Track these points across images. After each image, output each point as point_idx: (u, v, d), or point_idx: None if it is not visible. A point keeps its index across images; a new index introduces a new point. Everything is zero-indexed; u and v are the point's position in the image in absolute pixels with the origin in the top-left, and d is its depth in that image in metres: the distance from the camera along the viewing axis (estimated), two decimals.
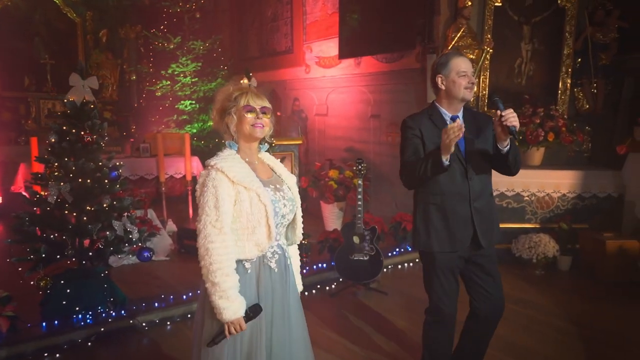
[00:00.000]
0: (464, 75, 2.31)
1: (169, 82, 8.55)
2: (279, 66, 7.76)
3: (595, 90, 5.38)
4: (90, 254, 3.26)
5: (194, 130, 8.37)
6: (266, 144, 2.06)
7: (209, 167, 1.84)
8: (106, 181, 3.41)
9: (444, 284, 2.42)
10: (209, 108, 8.75)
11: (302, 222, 2.10)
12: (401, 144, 2.45)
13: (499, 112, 2.19)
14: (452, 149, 2.13)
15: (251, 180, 1.84)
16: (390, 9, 5.71)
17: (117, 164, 3.61)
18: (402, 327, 3.64)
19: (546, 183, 5.04)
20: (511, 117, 2.15)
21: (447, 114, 2.40)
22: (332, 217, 6.13)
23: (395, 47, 5.68)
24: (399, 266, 5.08)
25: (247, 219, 1.83)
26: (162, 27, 8.81)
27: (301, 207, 2.07)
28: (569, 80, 5.35)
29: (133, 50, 9.65)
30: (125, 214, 3.53)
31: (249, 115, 1.87)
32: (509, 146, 2.28)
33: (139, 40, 9.63)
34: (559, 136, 4.95)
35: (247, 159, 1.93)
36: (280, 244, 1.98)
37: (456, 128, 2.07)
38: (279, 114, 7.15)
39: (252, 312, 1.79)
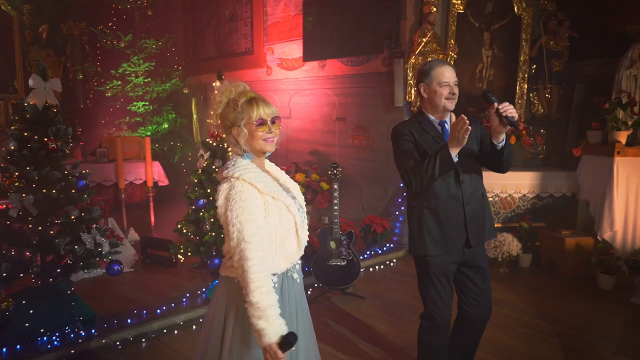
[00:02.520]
0: (445, 85, 2.33)
1: (119, 83, 8.11)
2: (238, 67, 7.57)
3: (549, 95, 5.68)
4: (59, 270, 3.00)
5: (148, 133, 7.99)
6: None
7: (232, 179, 1.71)
8: (73, 191, 3.15)
9: (439, 289, 2.45)
10: (162, 110, 8.41)
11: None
12: (396, 151, 2.46)
13: (495, 105, 2.19)
14: (464, 142, 2.13)
15: (277, 190, 1.76)
16: (357, 13, 5.73)
17: (84, 171, 3.35)
18: (384, 331, 3.65)
19: (508, 184, 5.25)
20: (509, 108, 2.16)
21: (435, 120, 2.44)
22: None
23: (362, 51, 5.70)
24: (371, 269, 5.10)
25: (276, 230, 1.74)
26: (110, 24, 8.35)
27: None
28: (525, 86, 5.61)
29: (77, 47, 9.09)
30: (94, 225, 3.29)
31: (261, 131, 1.75)
32: (504, 141, 2.30)
33: (83, 37, 9.09)
34: (520, 139, 5.18)
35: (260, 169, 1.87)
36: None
37: (462, 122, 2.08)
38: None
39: (287, 341, 1.57)
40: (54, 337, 3.10)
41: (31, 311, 3.07)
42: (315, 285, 4.39)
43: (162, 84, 8.35)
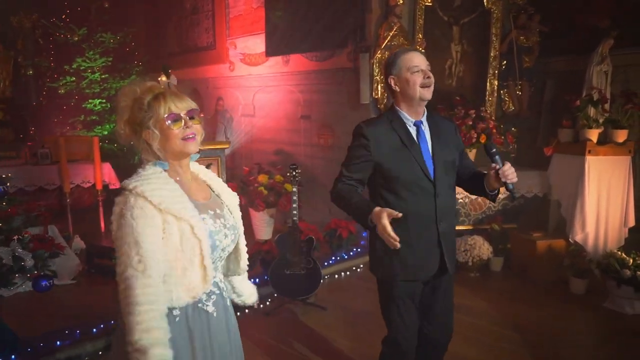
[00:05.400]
0: (417, 71, 2.02)
1: (74, 79, 7.65)
2: (200, 63, 7.21)
3: (520, 92, 5.51)
4: None
5: (105, 132, 7.56)
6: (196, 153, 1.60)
7: (127, 192, 1.43)
8: None
9: (404, 314, 2.16)
10: None
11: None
12: (349, 151, 2.15)
13: (495, 165, 1.96)
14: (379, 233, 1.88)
15: (182, 207, 1.44)
16: (321, 6, 5.45)
17: (4, 176, 2.97)
18: (345, 346, 3.37)
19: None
20: (510, 174, 1.93)
21: (408, 119, 2.11)
22: (263, 225, 5.76)
23: (326, 46, 5.42)
24: (336, 276, 4.82)
25: (176, 257, 1.43)
26: (64, 17, 7.87)
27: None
28: (495, 82, 5.42)
29: (30, 41, 8.54)
30: (16, 237, 2.91)
31: (176, 128, 1.46)
32: (497, 191, 2.11)
33: (36, 30, 8.56)
34: (490, 137, 4.98)
35: (177, 178, 1.53)
36: (217, 282, 1.59)
37: (392, 240, 1.84)
38: (202, 114, 6.61)
39: None
40: None
41: None
42: (275, 295, 4.09)
43: (121, 80, 7.91)
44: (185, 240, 1.42)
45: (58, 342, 3.09)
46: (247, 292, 1.86)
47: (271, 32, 5.99)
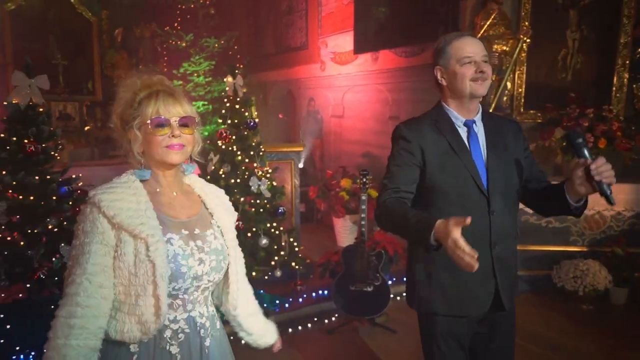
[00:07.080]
0: (468, 63, 1.62)
1: (181, 82, 8.11)
2: (294, 63, 7.16)
3: None
4: (28, 285, 2.75)
5: (206, 133, 7.88)
6: (192, 163, 1.41)
7: (87, 200, 1.27)
8: (54, 198, 2.90)
9: (447, 359, 1.74)
10: (223, 109, 8.27)
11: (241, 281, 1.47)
12: (389, 160, 1.77)
13: (584, 160, 1.49)
14: (451, 247, 1.37)
15: (141, 223, 1.22)
16: None
17: (73, 176, 3.09)
18: None
19: (597, 199, 4.17)
20: (607, 172, 1.46)
21: (458, 118, 1.71)
22: (345, 232, 5.48)
23: (416, 39, 4.94)
24: None
25: (130, 282, 1.23)
26: (175, 25, 8.42)
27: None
28: (626, 75, 4.48)
29: (149, 49, 9.34)
30: None
31: (159, 134, 1.26)
32: (583, 202, 1.61)
33: (155, 39, 9.32)
34: (613, 142, 4.10)
35: (157, 190, 1.33)
36: (193, 317, 1.33)
37: (469, 257, 1.32)
38: (281, 116, 6.52)
39: None
40: (30, 357, 2.86)
41: (8, 326, 2.85)
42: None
43: (223, 83, 8.22)
44: (139, 263, 1.22)
45: None
46: (258, 331, 1.57)
47: (360, 28, 5.67)
